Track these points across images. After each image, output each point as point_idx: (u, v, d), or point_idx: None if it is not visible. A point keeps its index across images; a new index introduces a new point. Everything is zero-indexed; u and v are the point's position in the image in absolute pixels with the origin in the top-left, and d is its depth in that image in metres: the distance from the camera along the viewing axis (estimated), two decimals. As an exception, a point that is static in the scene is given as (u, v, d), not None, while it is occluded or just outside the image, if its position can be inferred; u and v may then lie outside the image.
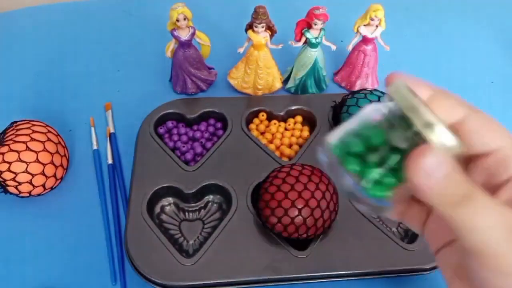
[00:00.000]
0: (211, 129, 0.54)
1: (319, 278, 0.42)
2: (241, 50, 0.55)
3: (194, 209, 0.48)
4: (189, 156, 0.51)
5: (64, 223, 0.47)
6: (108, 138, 0.54)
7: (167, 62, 0.58)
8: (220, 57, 0.61)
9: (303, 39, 0.55)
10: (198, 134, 0.53)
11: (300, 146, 0.52)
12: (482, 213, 0.19)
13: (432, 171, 0.19)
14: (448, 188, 0.19)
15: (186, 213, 0.47)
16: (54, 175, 0.47)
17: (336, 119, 0.53)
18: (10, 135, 0.46)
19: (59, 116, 0.56)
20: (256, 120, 0.55)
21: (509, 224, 0.19)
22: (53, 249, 0.45)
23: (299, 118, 0.55)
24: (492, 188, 0.23)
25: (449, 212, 0.20)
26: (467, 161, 0.24)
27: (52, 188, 0.48)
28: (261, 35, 0.53)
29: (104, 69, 0.63)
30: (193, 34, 0.53)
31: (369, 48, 0.57)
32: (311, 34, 0.53)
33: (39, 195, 0.48)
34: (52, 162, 0.47)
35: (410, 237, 0.45)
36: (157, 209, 0.47)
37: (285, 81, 0.60)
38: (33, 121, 0.48)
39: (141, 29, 0.70)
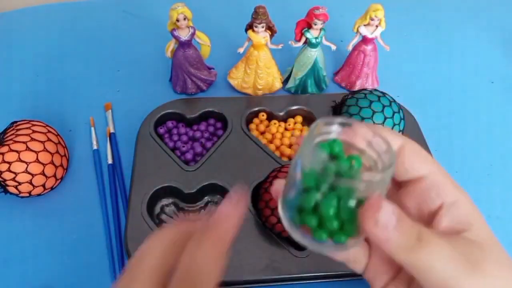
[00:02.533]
0: (211, 129, 0.54)
1: (319, 278, 0.42)
2: (241, 50, 0.55)
3: (194, 209, 0.48)
4: (189, 156, 0.51)
5: (64, 223, 0.47)
6: (108, 138, 0.54)
7: (167, 62, 0.58)
8: (220, 57, 0.61)
9: (303, 39, 0.55)
10: (198, 134, 0.53)
11: (300, 146, 0.52)
12: (437, 252, 0.20)
13: (387, 223, 0.20)
14: (402, 235, 0.20)
15: (186, 213, 0.47)
16: (54, 175, 0.47)
17: None
18: (10, 135, 0.46)
19: (59, 116, 0.56)
20: (256, 120, 0.55)
21: (462, 255, 0.21)
22: (53, 249, 0.45)
23: (299, 118, 0.55)
24: (425, 215, 0.24)
25: (406, 258, 0.21)
26: (398, 189, 0.25)
27: (52, 188, 0.48)
28: (261, 35, 0.53)
29: (104, 69, 0.63)
30: (193, 34, 0.53)
31: (369, 48, 0.57)
32: (311, 34, 0.53)
33: (39, 195, 0.48)
34: (52, 162, 0.47)
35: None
36: (157, 209, 0.47)
37: (285, 81, 0.60)
38: (33, 121, 0.48)
39: (141, 29, 0.70)
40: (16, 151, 0.44)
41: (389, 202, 0.21)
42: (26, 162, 0.44)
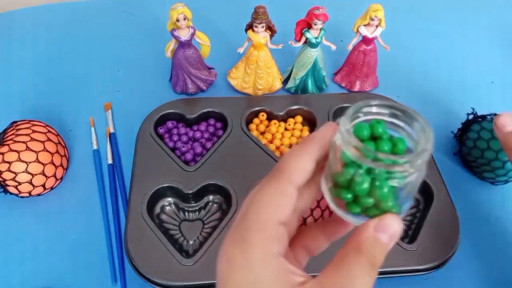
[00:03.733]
0: (211, 129, 0.54)
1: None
2: (241, 50, 0.55)
3: (194, 209, 0.48)
4: (189, 156, 0.51)
5: (64, 223, 0.47)
6: (108, 138, 0.54)
7: (167, 62, 0.58)
8: (220, 57, 0.61)
9: (303, 39, 0.55)
10: (198, 134, 0.53)
11: (300, 146, 0.52)
12: None
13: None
14: None
15: (186, 213, 0.47)
16: (54, 175, 0.47)
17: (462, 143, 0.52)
18: (10, 135, 0.46)
19: (59, 116, 0.56)
20: (256, 120, 0.55)
21: None
22: (53, 249, 0.45)
23: (299, 118, 0.56)
24: None
25: None
26: None
27: (52, 188, 0.48)
28: (261, 35, 0.53)
29: (104, 69, 0.63)
30: (193, 34, 0.53)
31: (369, 48, 0.57)
32: (311, 34, 0.53)
33: (39, 195, 0.48)
34: (52, 162, 0.47)
35: (410, 237, 0.45)
36: (157, 209, 0.47)
37: (285, 81, 0.60)
38: (33, 121, 0.48)
39: (141, 29, 0.70)
40: (16, 151, 0.44)
41: None
42: (26, 162, 0.44)
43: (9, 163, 0.44)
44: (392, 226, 0.22)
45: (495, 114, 0.48)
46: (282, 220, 0.23)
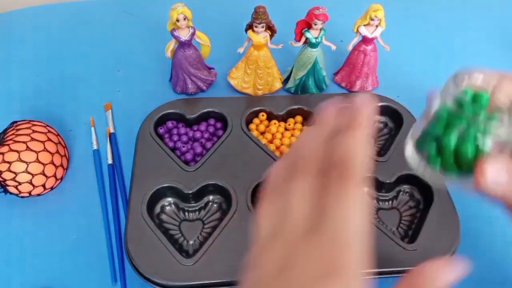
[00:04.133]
0: (211, 129, 0.54)
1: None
2: (241, 50, 0.55)
3: (194, 209, 0.48)
4: (189, 156, 0.51)
5: (64, 223, 0.47)
6: (108, 138, 0.54)
7: (167, 62, 0.58)
8: (220, 57, 0.61)
9: (303, 39, 0.55)
10: (198, 134, 0.53)
11: (300, 146, 0.52)
12: None
13: (497, 180, 0.22)
14: None
15: (186, 213, 0.47)
16: (54, 175, 0.47)
17: None
18: (10, 135, 0.46)
19: (59, 116, 0.56)
20: (256, 120, 0.55)
21: None
22: (53, 249, 0.45)
23: (299, 118, 0.56)
24: None
25: None
26: None
27: (52, 188, 0.49)
28: (261, 35, 0.53)
29: (104, 69, 0.63)
30: (193, 34, 0.53)
31: (369, 48, 0.57)
32: (311, 34, 0.53)
33: (39, 195, 0.48)
34: (52, 162, 0.47)
35: (410, 237, 0.45)
36: (157, 209, 0.47)
37: (285, 81, 0.60)
38: (33, 121, 0.49)
39: (141, 29, 0.70)
40: (16, 151, 0.44)
41: (500, 158, 0.21)
42: (26, 162, 0.44)
43: (9, 163, 0.44)
44: (448, 276, 0.22)
45: None
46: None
